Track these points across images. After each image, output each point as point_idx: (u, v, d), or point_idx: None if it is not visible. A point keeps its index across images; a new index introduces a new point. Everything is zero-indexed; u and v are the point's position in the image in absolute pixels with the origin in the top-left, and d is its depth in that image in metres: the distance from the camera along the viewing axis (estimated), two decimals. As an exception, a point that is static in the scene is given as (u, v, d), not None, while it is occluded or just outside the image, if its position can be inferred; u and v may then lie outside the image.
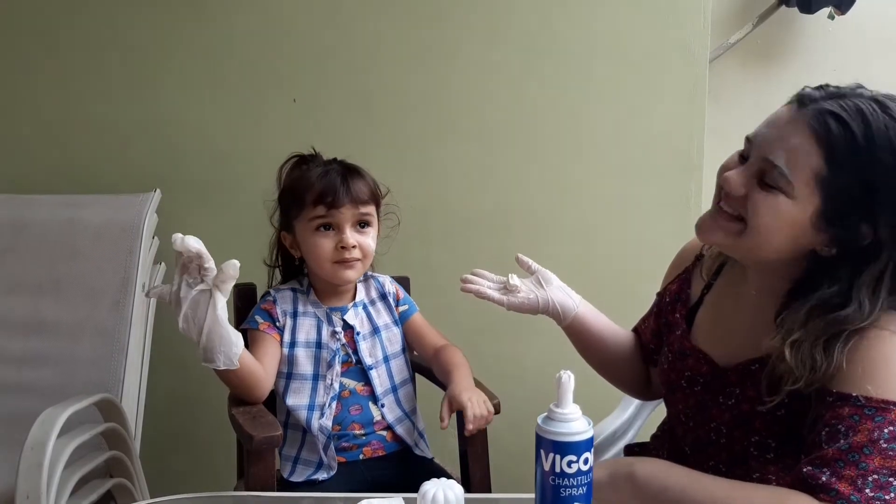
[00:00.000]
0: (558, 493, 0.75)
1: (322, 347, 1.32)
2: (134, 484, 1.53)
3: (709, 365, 1.02)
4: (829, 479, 0.80)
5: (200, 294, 1.10)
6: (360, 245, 1.31)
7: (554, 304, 1.17)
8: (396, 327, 1.41)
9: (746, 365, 0.97)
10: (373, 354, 1.35)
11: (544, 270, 1.21)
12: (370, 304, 1.40)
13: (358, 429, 1.32)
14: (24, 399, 1.61)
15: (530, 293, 1.17)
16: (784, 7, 2.03)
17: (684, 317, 1.09)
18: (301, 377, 1.31)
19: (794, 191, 0.87)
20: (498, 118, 1.83)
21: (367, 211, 1.32)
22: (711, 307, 1.08)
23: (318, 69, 1.82)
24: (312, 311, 1.35)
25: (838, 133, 0.84)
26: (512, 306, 1.16)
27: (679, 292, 1.13)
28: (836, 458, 0.81)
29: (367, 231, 1.33)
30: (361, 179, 1.33)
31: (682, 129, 1.82)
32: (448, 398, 1.25)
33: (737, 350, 0.99)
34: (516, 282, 1.18)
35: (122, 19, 1.82)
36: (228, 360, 1.15)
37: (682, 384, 1.05)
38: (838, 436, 0.82)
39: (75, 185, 1.83)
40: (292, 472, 1.30)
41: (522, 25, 1.80)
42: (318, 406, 1.29)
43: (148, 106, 1.84)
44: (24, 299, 1.69)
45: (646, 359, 1.23)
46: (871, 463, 0.80)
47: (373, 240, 1.34)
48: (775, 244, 0.90)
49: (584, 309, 1.19)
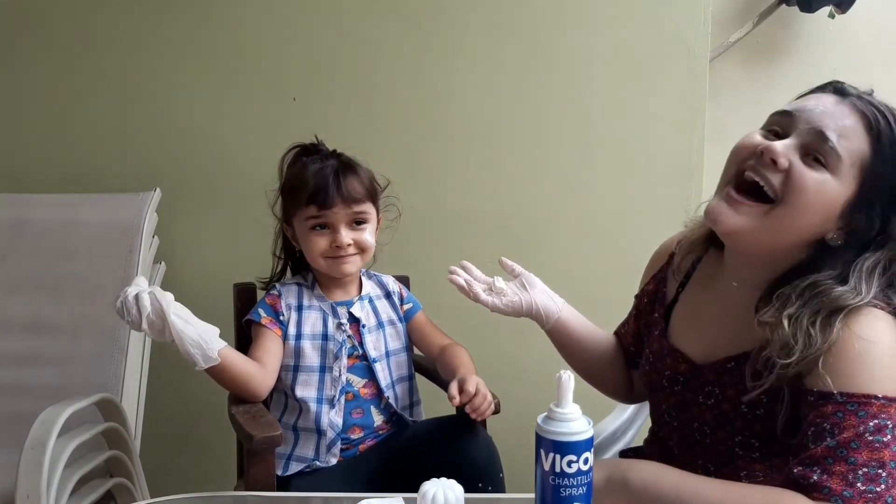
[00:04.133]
0: (558, 493, 0.75)
1: (328, 339, 1.32)
2: (134, 484, 1.53)
3: (686, 363, 1.03)
4: (820, 477, 0.81)
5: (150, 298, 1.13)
6: (355, 241, 1.31)
7: (537, 307, 1.18)
8: (401, 324, 1.42)
9: (723, 363, 0.97)
10: (377, 348, 1.36)
11: (528, 274, 1.22)
12: (376, 298, 1.41)
13: (358, 432, 1.32)
14: (24, 399, 1.61)
15: (514, 296, 1.17)
16: (784, 6, 2.03)
17: (662, 316, 1.10)
18: (308, 369, 1.31)
19: (841, 168, 0.87)
20: (498, 118, 1.83)
21: (361, 209, 1.32)
22: (687, 305, 1.08)
23: (318, 69, 1.82)
24: (318, 305, 1.35)
25: (885, 126, 0.88)
26: (496, 308, 1.17)
27: (656, 292, 1.14)
28: (824, 456, 0.82)
29: (363, 227, 1.33)
30: (355, 177, 1.32)
31: (682, 129, 1.82)
32: (458, 381, 1.24)
33: (714, 346, 1.00)
34: (502, 285, 1.18)
35: (121, 19, 1.82)
36: (206, 357, 1.16)
37: (663, 384, 1.06)
38: (824, 434, 0.83)
39: (75, 184, 1.83)
40: (286, 468, 1.30)
41: (522, 25, 1.80)
42: (326, 399, 1.30)
43: (148, 105, 1.84)
44: (23, 299, 1.69)
45: (628, 362, 1.23)
46: (860, 457, 0.80)
47: (370, 234, 1.34)
48: (804, 225, 0.90)
49: (566, 313, 1.20)
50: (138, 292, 1.14)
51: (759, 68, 2.14)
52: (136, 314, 1.12)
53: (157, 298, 1.13)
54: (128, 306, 1.13)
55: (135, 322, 1.13)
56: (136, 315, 1.12)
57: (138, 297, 1.13)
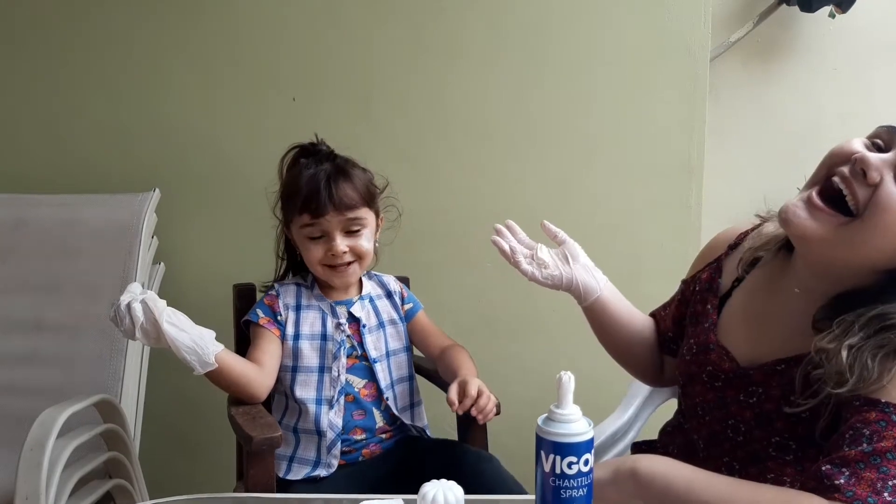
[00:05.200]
0: (559, 495, 0.75)
1: (327, 339, 1.32)
2: (133, 485, 1.53)
3: (731, 362, 1.00)
4: (847, 480, 0.79)
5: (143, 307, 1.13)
6: (352, 248, 1.30)
7: (577, 283, 1.14)
8: (402, 324, 1.41)
9: (772, 365, 0.95)
10: (377, 348, 1.35)
11: (572, 243, 1.18)
12: (377, 298, 1.40)
13: (359, 433, 1.32)
14: (23, 399, 1.60)
15: (556, 269, 1.14)
16: (784, 6, 2.03)
17: (716, 307, 1.06)
18: (307, 370, 1.31)
19: None
20: (498, 118, 1.83)
21: (356, 216, 1.29)
22: (741, 303, 1.05)
23: (318, 69, 1.82)
24: (317, 305, 1.34)
25: None
26: (534, 279, 1.14)
27: (710, 281, 1.10)
28: (857, 460, 0.80)
29: (359, 234, 1.31)
30: (348, 183, 1.29)
31: (682, 129, 1.82)
32: (458, 384, 1.23)
33: (764, 349, 0.97)
34: (544, 256, 1.15)
35: (122, 19, 1.82)
36: (203, 363, 1.16)
37: (702, 378, 1.03)
38: (862, 439, 0.81)
39: (75, 185, 1.83)
40: (288, 471, 1.29)
41: (522, 24, 1.80)
42: (325, 400, 1.29)
43: (147, 105, 1.84)
44: (24, 299, 1.69)
45: (661, 346, 1.21)
46: (893, 468, 0.79)
47: (367, 240, 1.32)
48: (880, 246, 0.85)
49: (607, 293, 1.16)
50: (130, 301, 1.13)
51: (759, 68, 2.14)
52: (130, 323, 1.12)
53: (150, 307, 1.12)
54: (120, 315, 1.13)
55: (128, 331, 1.13)
56: (129, 324, 1.12)
57: (130, 306, 1.12)
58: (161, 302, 1.15)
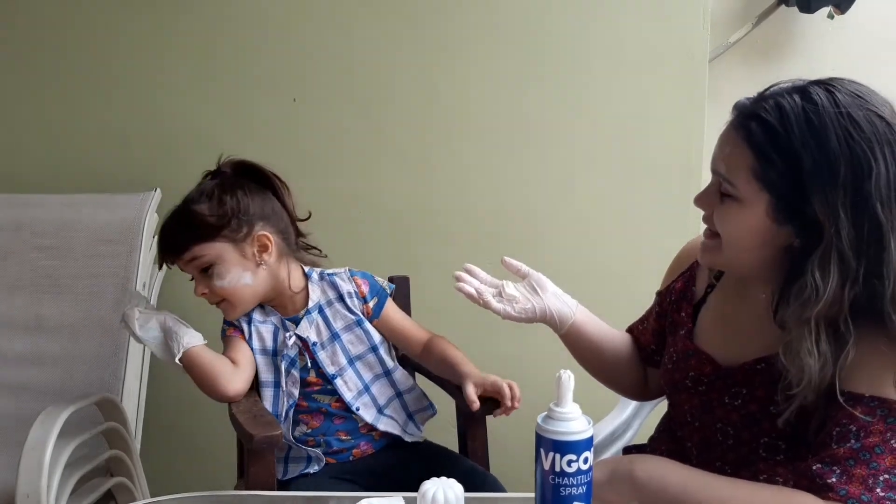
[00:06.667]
0: (558, 493, 0.75)
1: (277, 354, 1.30)
2: (134, 483, 1.53)
3: (712, 365, 1.01)
4: (839, 478, 0.80)
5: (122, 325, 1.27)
6: (211, 291, 1.26)
7: (551, 312, 1.13)
8: (359, 328, 1.33)
9: (752, 364, 0.96)
10: (335, 362, 1.30)
11: (536, 274, 1.16)
12: (327, 305, 1.33)
13: (344, 435, 1.31)
14: (24, 399, 1.61)
15: (527, 303, 1.12)
16: (784, 6, 2.03)
17: (690, 315, 1.08)
18: (264, 384, 1.30)
19: (740, 193, 0.89)
20: (498, 118, 1.83)
21: (193, 255, 1.24)
22: (716, 308, 1.06)
23: (318, 69, 1.82)
24: (270, 319, 1.32)
25: (758, 128, 0.88)
26: (509, 316, 1.12)
27: (684, 290, 1.11)
28: (846, 458, 0.80)
29: (211, 273, 1.24)
30: (177, 225, 1.26)
31: (682, 129, 1.82)
32: (474, 384, 1.24)
33: (742, 350, 0.98)
34: (512, 291, 1.13)
35: (122, 19, 1.82)
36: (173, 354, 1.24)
37: (686, 384, 1.04)
38: (849, 435, 0.81)
39: (75, 185, 1.83)
40: (285, 472, 1.30)
41: (521, 25, 1.80)
42: (278, 415, 1.28)
43: (148, 106, 1.85)
44: (24, 299, 1.69)
45: (645, 360, 1.21)
46: (883, 462, 0.79)
47: (224, 278, 1.24)
48: (748, 249, 0.92)
49: (580, 316, 1.15)
50: (123, 314, 1.25)
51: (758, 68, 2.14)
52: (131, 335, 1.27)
53: (126, 322, 1.25)
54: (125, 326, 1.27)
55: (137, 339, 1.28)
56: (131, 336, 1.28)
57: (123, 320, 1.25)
58: (133, 311, 1.25)
